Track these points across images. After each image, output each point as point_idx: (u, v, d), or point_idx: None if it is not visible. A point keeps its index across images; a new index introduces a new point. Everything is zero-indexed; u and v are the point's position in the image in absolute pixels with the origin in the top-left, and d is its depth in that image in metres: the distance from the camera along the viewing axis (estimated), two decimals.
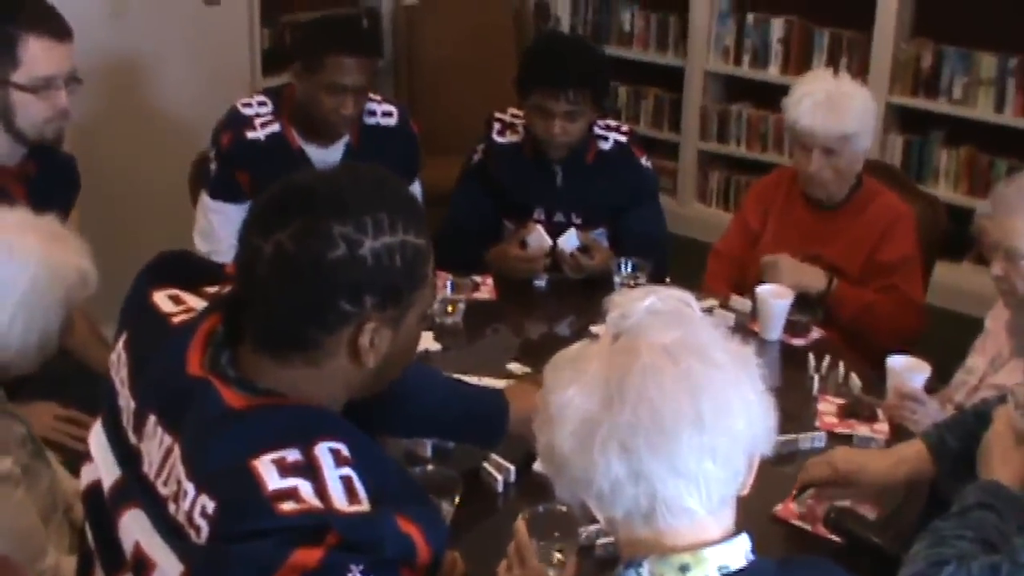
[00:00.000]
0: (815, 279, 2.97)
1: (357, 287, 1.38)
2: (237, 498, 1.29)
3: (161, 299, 1.55)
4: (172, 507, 1.35)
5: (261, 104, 3.13)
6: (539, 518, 1.80)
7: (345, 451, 1.34)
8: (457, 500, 1.95)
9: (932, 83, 4.97)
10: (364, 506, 1.31)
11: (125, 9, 4.11)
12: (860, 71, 4.87)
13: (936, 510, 1.90)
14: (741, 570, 1.30)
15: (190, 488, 1.32)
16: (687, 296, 1.35)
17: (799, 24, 5.33)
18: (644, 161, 3.28)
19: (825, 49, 5.25)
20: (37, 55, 2.55)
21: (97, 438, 1.55)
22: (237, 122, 3.11)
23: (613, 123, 3.29)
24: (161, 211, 3.93)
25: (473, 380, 2.50)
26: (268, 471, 1.30)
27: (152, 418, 1.42)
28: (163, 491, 1.38)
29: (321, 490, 1.30)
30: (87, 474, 1.56)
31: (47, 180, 2.71)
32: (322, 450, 1.33)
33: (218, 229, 3.09)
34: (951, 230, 3.39)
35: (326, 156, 3.16)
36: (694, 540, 1.28)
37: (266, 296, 1.40)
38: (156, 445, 1.41)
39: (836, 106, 2.94)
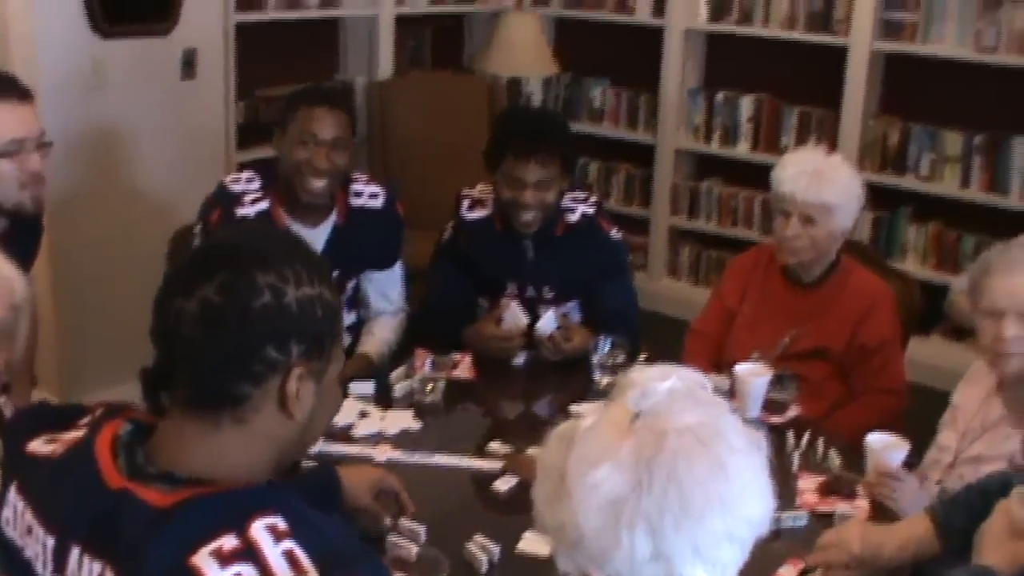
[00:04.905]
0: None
1: (284, 334, 1.40)
2: None
3: (37, 446, 1.51)
4: None
5: (249, 180, 3.08)
6: None
7: (282, 524, 1.32)
8: None
9: (899, 160, 5.06)
10: None
11: (104, 82, 4.13)
12: (829, 148, 4.91)
13: None
14: None
15: None
16: (701, 378, 1.37)
17: (768, 102, 5.42)
18: (613, 233, 3.29)
19: (794, 127, 5.33)
20: (4, 120, 2.53)
21: None
22: (226, 199, 3.04)
23: (581, 195, 3.29)
24: (137, 283, 3.87)
25: (454, 460, 2.51)
26: (208, 565, 1.27)
27: (75, 551, 1.38)
28: None
29: (266, 571, 1.27)
30: None
31: (15, 233, 2.68)
32: (258, 530, 1.31)
33: None
34: (921, 305, 3.41)
35: (313, 236, 3.07)
36: None
37: (193, 353, 1.39)
38: None
39: (821, 176, 3.00)
